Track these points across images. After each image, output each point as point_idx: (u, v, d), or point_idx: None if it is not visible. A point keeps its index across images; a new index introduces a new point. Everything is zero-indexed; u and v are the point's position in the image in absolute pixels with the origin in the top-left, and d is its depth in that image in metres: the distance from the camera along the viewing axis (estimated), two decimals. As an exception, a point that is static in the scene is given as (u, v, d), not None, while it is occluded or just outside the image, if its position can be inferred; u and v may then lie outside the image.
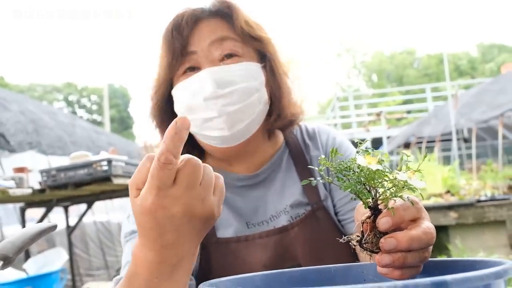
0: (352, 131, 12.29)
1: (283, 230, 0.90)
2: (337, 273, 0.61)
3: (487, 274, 0.41)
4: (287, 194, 0.95)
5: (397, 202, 0.53)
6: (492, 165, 7.00)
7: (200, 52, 0.89)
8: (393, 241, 0.50)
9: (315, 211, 0.93)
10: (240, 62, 0.89)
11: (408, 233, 0.50)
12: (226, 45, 0.89)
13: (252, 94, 0.88)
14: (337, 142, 1.01)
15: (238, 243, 0.89)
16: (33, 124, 6.03)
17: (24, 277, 3.13)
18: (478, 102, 8.91)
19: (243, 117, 0.87)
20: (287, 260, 0.88)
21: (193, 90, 0.87)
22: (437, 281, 0.37)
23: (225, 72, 0.87)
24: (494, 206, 4.92)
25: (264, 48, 0.92)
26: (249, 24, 0.91)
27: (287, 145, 1.01)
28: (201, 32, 0.89)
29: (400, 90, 21.10)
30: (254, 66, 0.90)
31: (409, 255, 0.51)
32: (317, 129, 1.04)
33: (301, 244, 0.89)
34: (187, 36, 0.89)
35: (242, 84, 0.87)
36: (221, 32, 0.89)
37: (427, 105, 14.18)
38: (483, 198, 5.16)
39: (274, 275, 0.61)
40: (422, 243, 0.51)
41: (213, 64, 0.88)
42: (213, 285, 0.52)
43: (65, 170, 3.08)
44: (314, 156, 0.99)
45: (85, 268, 5.34)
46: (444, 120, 9.22)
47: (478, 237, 4.80)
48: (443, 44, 30.95)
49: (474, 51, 32.95)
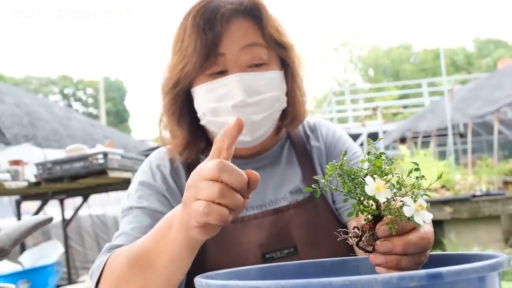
0: (348, 125, 12.31)
1: (278, 211, 0.93)
2: (332, 266, 0.62)
3: (481, 266, 0.41)
4: (287, 182, 0.97)
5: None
6: (488, 160, 7.03)
7: (229, 55, 0.88)
8: (389, 245, 0.51)
9: (313, 197, 0.95)
10: (266, 69, 0.90)
11: (405, 238, 0.51)
12: (255, 52, 0.89)
13: (275, 103, 0.91)
14: (337, 135, 1.04)
15: (234, 223, 0.90)
16: (28, 117, 6.00)
17: (20, 270, 3.13)
18: (474, 97, 8.93)
19: (265, 124, 0.91)
20: (283, 241, 0.90)
21: (221, 94, 0.88)
22: (432, 273, 0.37)
23: (253, 80, 0.88)
24: (489, 201, 4.95)
25: (287, 55, 0.94)
26: (277, 30, 0.92)
27: (289, 136, 1.04)
28: (233, 34, 0.89)
29: (397, 85, 21.12)
30: (278, 75, 0.92)
31: (403, 258, 0.51)
32: (317, 122, 1.08)
33: (297, 227, 0.91)
34: (219, 34, 0.88)
35: (268, 94, 0.89)
36: (251, 38, 0.90)
37: (423, 100, 14.20)
38: (478, 193, 5.19)
39: (270, 268, 0.61)
40: (418, 248, 0.51)
41: (241, 69, 0.88)
42: (208, 277, 0.52)
43: (60, 163, 3.07)
44: (314, 146, 1.02)
45: (80, 261, 5.33)
46: (440, 115, 9.24)
47: (472, 232, 4.82)
48: (440, 39, 30.95)
49: (470, 46, 32.99)
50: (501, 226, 5.12)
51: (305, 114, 1.00)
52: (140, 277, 0.71)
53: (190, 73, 0.89)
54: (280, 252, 0.89)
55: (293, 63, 0.95)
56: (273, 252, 0.89)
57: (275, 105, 0.91)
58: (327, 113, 13.75)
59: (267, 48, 0.91)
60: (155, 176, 0.94)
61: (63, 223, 4.37)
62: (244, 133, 0.88)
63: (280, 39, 0.92)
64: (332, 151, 1.02)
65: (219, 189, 0.58)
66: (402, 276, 0.36)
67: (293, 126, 1.00)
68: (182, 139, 0.95)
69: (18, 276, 2.95)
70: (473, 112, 8.40)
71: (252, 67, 0.89)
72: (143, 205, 0.90)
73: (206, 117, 0.92)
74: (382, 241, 0.51)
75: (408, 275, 0.36)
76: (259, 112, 0.88)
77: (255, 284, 0.38)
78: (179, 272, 0.71)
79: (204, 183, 0.59)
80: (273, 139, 1.01)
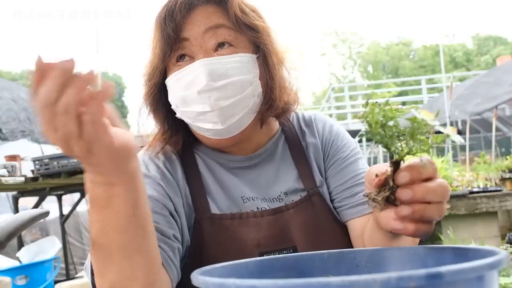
0: (347, 122, 12.31)
1: (277, 212, 0.91)
2: (330, 259, 0.62)
3: (481, 265, 0.40)
4: (281, 180, 0.96)
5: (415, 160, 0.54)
6: (485, 157, 7.04)
7: (193, 40, 0.87)
8: (409, 191, 0.52)
9: (310, 196, 0.93)
10: (234, 53, 0.87)
11: (424, 185, 0.53)
12: (220, 33, 0.87)
13: (246, 87, 0.86)
14: (334, 131, 1.01)
15: (232, 220, 0.89)
16: (25, 112, 5.98)
17: (18, 266, 3.12)
18: (473, 94, 8.93)
19: (236, 111, 0.87)
20: (282, 242, 0.89)
21: (187, 82, 0.86)
22: (431, 272, 0.37)
23: (219, 64, 0.85)
24: (486, 198, 4.96)
25: (259, 38, 0.90)
26: (245, 12, 0.89)
27: (283, 131, 1.02)
28: (194, 19, 0.87)
29: (396, 82, 21.11)
30: (248, 58, 0.88)
31: (428, 207, 0.53)
32: (313, 116, 1.05)
33: (297, 227, 0.90)
34: (180, 22, 0.87)
35: (236, 77, 0.85)
36: (216, 20, 0.87)
37: (422, 96, 14.21)
38: (476, 189, 5.19)
39: (268, 261, 0.61)
40: (438, 195, 0.53)
41: (207, 54, 0.86)
42: (205, 273, 0.51)
43: (58, 159, 3.07)
44: (310, 142, 1.00)
45: (78, 256, 5.33)
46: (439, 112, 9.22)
47: (469, 227, 4.84)
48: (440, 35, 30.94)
49: (469, 43, 32.98)
50: (498, 222, 5.14)
51: (286, 103, 0.94)
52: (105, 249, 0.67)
53: (157, 64, 0.88)
54: (279, 252, 0.87)
55: (265, 45, 0.90)
56: (271, 252, 0.87)
57: (245, 90, 0.86)
58: (326, 109, 13.75)
59: (234, 30, 0.88)
60: (149, 167, 0.92)
61: (61, 218, 4.37)
62: (215, 120, 0.85)
63: (248, 21, 0.88)
64: (330, 147, 0.99)
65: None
66: (401, 276, 0.36)
67: (273, 115, 0.94)
68: (161, 132, 0.94)
69: (16, 271, 2.95)
70: (472, 109, 8.40)
71: (218, 51, 0.87)
72: None
73: (178, 108, 0.89)
74: (402, 188, 0.53)
75: (407, 275, 0.36)
76: (227, 97, 0.84)
77: (253, 283, 0.37)
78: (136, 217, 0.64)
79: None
80: (262, 134, 0.98)
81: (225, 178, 0.94)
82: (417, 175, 0.53)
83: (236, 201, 0.92)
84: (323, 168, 0.98)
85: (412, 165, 0.53)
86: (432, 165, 0.54)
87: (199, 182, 0.93)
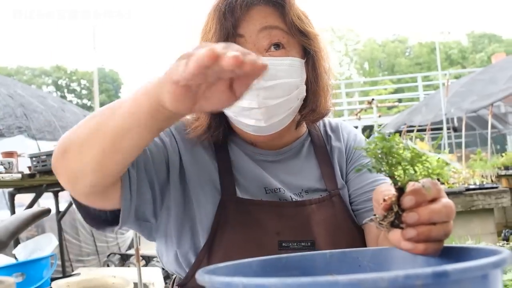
0: (343, 119, 12.33)
1: (300, 205, 0.94)
2: (332, 258, 0.62)
3: (486, 263, 0.41)
4: (303, 178, 0.99)
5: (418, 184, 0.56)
6: (481, 154, 7.08)
7: (248, 37, 0.89)
8: (415, 215, 0.54)
9: (332, 196, 0.97)
10: (286, 55, 0.90)
11: (429, 207, 0.54)
12: (275, 34, 0.90)
13: (292, 90, 0.90)
14: (358, 139, 1.07)
15: (256, 206, 0.92)
16: (22, 108, 5.95)
17: (14, 263, 3.11)
18: (468, 91, 8.97)
19: (280, 111, 0.90)
20: (302, 234, 0.91)
21: None
22: (438, 271, 0.37)
23: (271, 65, 0.88)
24: (483, 195, 4.99)
25: (310, 44, 0.93)
26: (300, 18, 0.92)
27: (310, 134, 1.06)
28: (252, 17, 0.90)
29: (392, 79, 21.16)
30: (298, 62, 0.92)
31: (433, 228, 0.54)
32: (340, 124, 1.10)
33: (317, 223, 0.93)
34: (239, 18, 0.89)
35: (285, 80, 0.89)
36: (272, 21, 0.90)
37: (418, 94, 14.25)
38: (472, 186, 5.22)
39: (271, 260, 0.61)
40: (443, 215, 0.54)
41: (260, 53, 0.89)
42: (210, 271, 0.51)
43: (55, 155, 3.05)
44: (334, 146, 1.04)
45: (75, 254, 5.32)
46: (435, 109, 9.27)
47: (466, 224, 4.86)
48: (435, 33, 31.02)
49: (465, 40, 33.07)
50: (494, 219, 5.17)
51: (326, 109, 0.99)
52: (94, 120, 0.71)
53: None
54: (297, 243, 0.90)
55: (315, 52, 0.94)
56: (289, 242, 0.89)
57: (292, 93, 0.90)
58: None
59: (288, 34, 0.91)
60: (170, 135, 0.95)
61: (57, 215, 4.36)
62: (259, 118, 0.88)
63: (302, 27, 0.92)
64: (353, 154, 1.04)
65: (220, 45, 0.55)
66: (409, 274, 0.36)
67: (313, 119, 0.99)
68: (204, 121, 0.95)
69: (13, 269, 2.94)
70: (467, 106, 8.43)
71: (270, 51, 0.90)
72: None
73: None
74: (408, 212, 0.54)
75: (414, 274, 0.36)
76: (274, 97, 0.88)
77: (261, 282, 0.38)
78: (133, 137, 0.68)
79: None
80: (292, 134, 1.01)
81: (251, 168, 0.97)
82: (422, 197, 0.54)
83: (260, 190, 0.95)
84: (345, 171, 1.03)
85: (416, 189, 0.55)
86: (436, 186, 0.56)
87: (228, 167, 0.96)
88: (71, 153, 0.73)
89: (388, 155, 0.55)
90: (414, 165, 0.55)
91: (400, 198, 0.55)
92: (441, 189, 0.57)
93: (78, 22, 45.47)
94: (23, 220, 0.65)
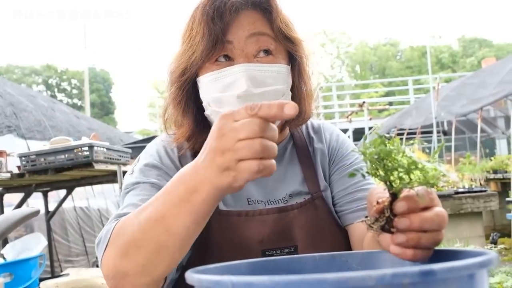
0: (334, 121, 12.37)
1: (282, 210, 0.93)
2: (321, 261, 0.62)
3: (472, 263, 0.42)
4: (287, 183, 0.98)
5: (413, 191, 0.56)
6: (470, 157, 7.14)
7: (237, 43, 0.89)
8: (406, 220, 0.54)
9: (314, 199, 0.96)
10: (273, 62, 0.90)
11: (421, 214, 0.54)
12: (263, 41, 0.90)
13: (279, 97, 0.90)
14: (340, 140, 1.06)
15: (239, 217, 0.91)
16: (11, 107, 5.89)
17: (2, 263, 3.08)
18: (459, 95, 9.05)
19: None
20: (285, 240, 0.91)
21: (226, 83, 0.88)
22: (425, 270, 0.38)
23: (259, 71, 0.88)
24: (471, 198, 5.04)
25: (295, 50, 0.93)
26: (287, 24, 0.92)
27: (292, 137, 1.05)
28: (240, 22, 0.89)
29: (383, 82, 21.27)
30: (285, 69, 0.92)
31: (423, 235, 0.54)
32: (322, 124, 1.09)
33: (299, 227, 0.92)
34: (228, 23, 0.88)
35: (273, 87, 0.89)
36: (260, 27, 0.90)
37: (409, 97, 14.35)
38: (461, 190, 5.27)
39: (260, 262, 0.61)
40: (434, 224, 0.54)
41: (247, 59, 0.88)
42: (199, 272, 0.51)
43: (45, 155, 3.03)
44: (317, 148, 1.03)
45: (64, 254, 5.28)
46: (425, 113, 9.34)
47: (454, 227, 4.90)
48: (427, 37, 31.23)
49: (455, 44, 33.37)
50: (482, 222, 5.22)
51: (310, 113, 0.99)
52: (154, 241, 0.70)
53: (197, 61, 0.89)
54: (280, 250, 0.89)
55: (301, 58, 0.94)
56: (273, 250, 0.89)
57: (279, 99, 0.89)
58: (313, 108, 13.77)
59: (275, 40, 0.91)
60: (162, 159, 0.94)
61: (47, 215, 4.32)
62: None
63: (288, 33, 0.91)
64: (335, 154, 1.03)
65: (261, 145, 0.59)
66: (396, 273, 0.37)
67: (297, 124, 0.99)
68: (187, 128, 0.94)
69: (1, 269, 2.91)
70: (457, 110, 8.51)
71: (258, 57, 0.89)
72: (151, 180, 0.89)
73: (210, 107, 0.91)
74: (399, 217, 0.54)
75: (401, 272, 0.37)
76: None
77: (250, 280, 0.38)
78: (197, 234, 0.71)
79: (242, 143, 0.59)
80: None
81: None
82: (414, 204, 0.54)
83: (242, 202, 0.94)
84: (328, 173, 1.02)
85: (409, 196, 0.55)
86: (430, 195, 0.56)
87: None
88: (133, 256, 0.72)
89: (385, 160, 0.55)
90: (410, 172, 0.54)
91: (393, 203, 0.56)
92: (435, 198, 0.57)
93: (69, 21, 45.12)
94: (13, 221, 0.64)
